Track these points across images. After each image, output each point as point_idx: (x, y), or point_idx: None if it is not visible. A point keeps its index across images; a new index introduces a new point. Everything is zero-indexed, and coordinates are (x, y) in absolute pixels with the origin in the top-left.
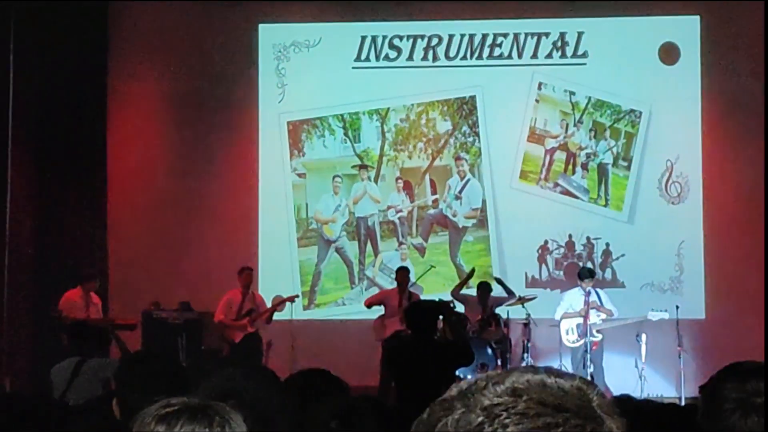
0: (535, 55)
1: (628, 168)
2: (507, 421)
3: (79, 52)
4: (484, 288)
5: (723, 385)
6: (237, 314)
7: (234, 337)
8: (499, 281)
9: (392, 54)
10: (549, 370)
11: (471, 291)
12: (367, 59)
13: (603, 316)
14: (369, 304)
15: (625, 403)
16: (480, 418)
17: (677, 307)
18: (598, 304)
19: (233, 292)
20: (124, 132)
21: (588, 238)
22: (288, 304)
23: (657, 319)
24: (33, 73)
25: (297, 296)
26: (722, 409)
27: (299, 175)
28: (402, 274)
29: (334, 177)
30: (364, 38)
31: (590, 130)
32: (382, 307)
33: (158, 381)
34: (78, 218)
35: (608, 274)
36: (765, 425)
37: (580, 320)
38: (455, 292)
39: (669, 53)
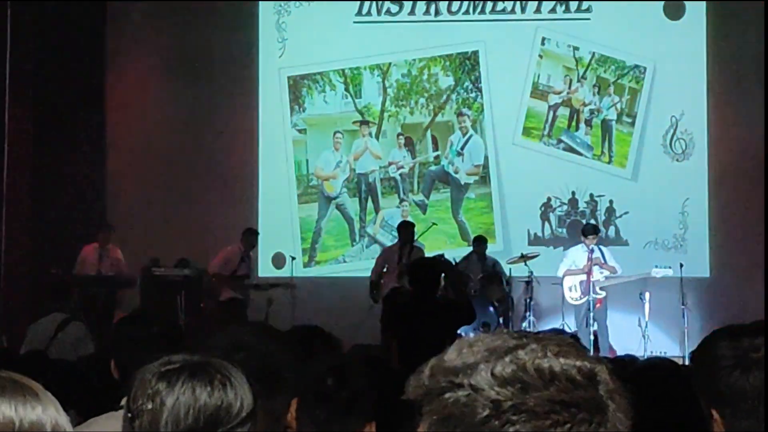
0: (538, 10)
1: (632, 124)
2: (514, 418)
3: (77, 6)
4: (480, 241)
5: (716, 345)
6: (232, 274)
7: (220, 294)
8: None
9: (394, 8)
10: (557, 348)
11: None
12: (369, 13)
13: (606, 273)
14: (377, 275)
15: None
16: (486, 411)
17: (681, 265)
18: (602, 261)
19: (233, 249)
20: (123, 87)
21: (591, 196)
22: (289, 261)
23: (661, 275)
24: (29, 24)
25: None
26: (719, 367)
27: (299, 131)
28: (406, 229)
29: (334, 133)
30: None
31: (594, 86)
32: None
33: (156, 341)
34: (75, 175)
35: (611, 232)
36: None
37: (583, 277)
38: None
39: (674, 8)
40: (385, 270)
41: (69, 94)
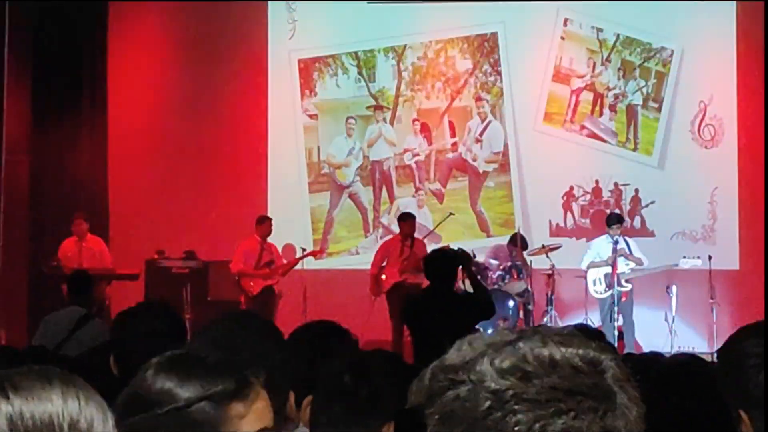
0: None
1: (659, 110)
2: (516, 407)
3: None
4: (517, 240)
5: (744, 343)
6: (255, 265)
7: (252, 288)
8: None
9: None
10: (558, 337)
11: (493, 239)
12: None
13: (632, 265)
14: (376, 270)
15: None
16: (488, 403)
17: (710, 257)
18: (627, 252)
19: (249, 242)
20: (126, 71)
21: (616, 184)
22: (299, 252)
23: (689, 266)
24: (28, 7)
25: (322, 252)
26: (746, 366)
27: (311, 117)
28: (406, 221)
29: (347, 118)
30: None
31: (618, 70)
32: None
33: (157, 336)
34: (77, 163)
35: (637, 223)
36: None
37: (608, 270)
38: None
39: None
40: (384, 264)
41: (69, 79)
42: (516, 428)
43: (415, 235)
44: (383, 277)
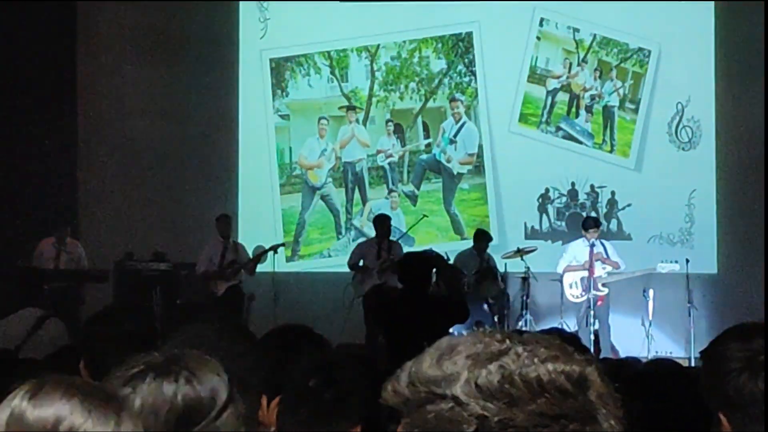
0: None
1: (636, 111)
2: None
3: None
4: (481, 237)
5: (726, 345)
6: (219, 265)
7: (216, 289)
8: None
9: None
10: (545, 350)
11: (467, 242)
12: None
13: (609, 268)
14: (352, 265)
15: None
16: (473, 427)
17: (687, 260)
18: (604, 255)
19: (212, 243)
20: (94, 70)
21: (592, 187)
22: (270, 254)
23: (666, 271)
24: None
25: (283, 244)
26: (728, 369)
27: (282, 117)
28: (382, 223)
29: (319, 119)
30: None
31: (595, 70)
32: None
33: (129, 339)
34: (45, 164)
35: (614, 226)
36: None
37: (584, 273)
38: None
39: None
40: (361, 264)
41: (37, 80)
42: None
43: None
44: (360, 277)
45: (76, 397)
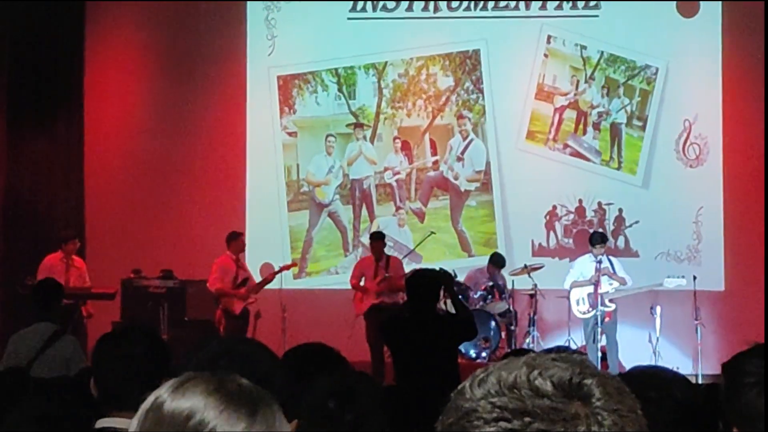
0: (544, 6)
1: (643, 128)
2: (467, 424)
3: (55, 3)
4: (497, 260)
5: (746, 360)
6: (233, 283)
7: (233, 307)
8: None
9: (390, 4)
10: (541, 362)
11: (475, 259)
12: (364, 9)
13: (616, 284)
14: (354, 285)
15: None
16: (450, 419)
17: (695, 277)
18: (611, 271)
19: (224, 259)
20: (103, 87)
21: (599, 204)
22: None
23: (674, 286)
24: (6, 24)
25: (294, 264)
26: (742, 384)
27: (290, 134)
28: (376, 241)
29: (327, 136)
30: None
31: (603, 87)
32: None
33: (139, 359)
34: (53, 180)
35: (621, 243)
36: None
37: (591, 289)
38: None
39: (688, 5)
40: (362, 283)
41: (46, 96)
42: None
43: (396, 254)
44: (360, 295)
45: (215, 395)
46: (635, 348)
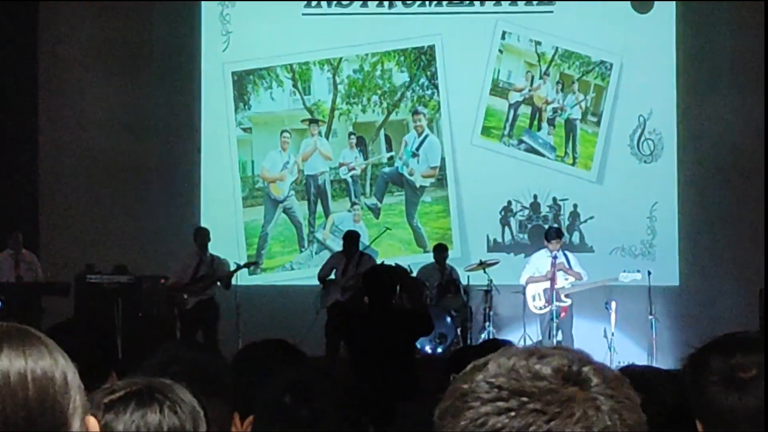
0: (498, 2)
1: (598, 124)
2: (463, 404)
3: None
4: (440, 250)
5: (709, 356)
6: (191, 278)
7: (185, 302)
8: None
9: (345, 1)
10: (542, 350)
11: (430, 255)
12: (318, 5)
13: (571, 279)
14: (322, 278)
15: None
16: (448, 402)
17: (649, 272)
18: (566, 266)
19: (189, 254)
20: (56, 82)
21: (554, 199)
22: (232, 267)
23: (629, 280)
24: None
25: (256, 262)
26: (706, 381)
27: (244, 130)
28: (350, 239)
29: (282, 132)
30: None
31: (557, 83)
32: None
33: (88, 352)
34: (6, 177)
35: (576, 238)
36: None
37: (547, 284)
38: None
39: (642, 1)
40: (332, 276)
41: None
42: None
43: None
44: (327, 290)
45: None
46: (591, 343)
